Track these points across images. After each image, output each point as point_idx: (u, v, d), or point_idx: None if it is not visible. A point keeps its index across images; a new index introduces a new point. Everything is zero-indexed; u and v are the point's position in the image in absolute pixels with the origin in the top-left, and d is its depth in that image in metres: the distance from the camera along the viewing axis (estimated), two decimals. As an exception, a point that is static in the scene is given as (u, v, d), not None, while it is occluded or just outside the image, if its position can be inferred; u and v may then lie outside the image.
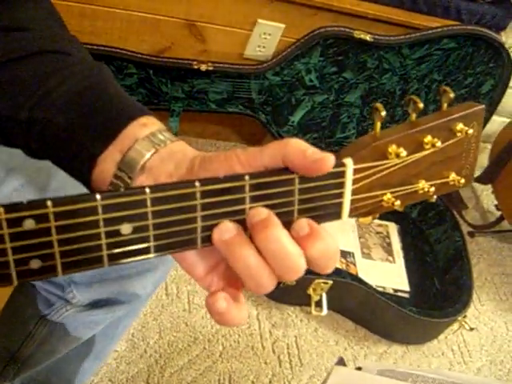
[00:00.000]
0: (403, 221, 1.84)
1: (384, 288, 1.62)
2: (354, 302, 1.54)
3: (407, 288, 1.65)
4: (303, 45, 1.50)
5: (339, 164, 0.43)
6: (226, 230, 0.42)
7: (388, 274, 1.67)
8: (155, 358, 1.36)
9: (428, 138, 0.46)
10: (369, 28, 1.53)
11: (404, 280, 1.67)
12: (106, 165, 0.47)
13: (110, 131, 0.47)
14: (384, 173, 0.45)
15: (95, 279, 0.82)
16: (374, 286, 1.51)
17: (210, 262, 0.46)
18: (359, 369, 0.77)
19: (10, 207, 0.35)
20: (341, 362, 0.78)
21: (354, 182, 0.44)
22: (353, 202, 0.45)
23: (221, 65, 1.52)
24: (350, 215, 0.45)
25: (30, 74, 0.51)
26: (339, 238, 1.71)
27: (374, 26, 1.56)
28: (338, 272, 1.48)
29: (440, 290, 1.65)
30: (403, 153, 0.44)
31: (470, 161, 0.50)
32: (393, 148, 0.44)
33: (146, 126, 0.48)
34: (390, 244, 1.76)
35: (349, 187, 0.44)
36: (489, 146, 1.89)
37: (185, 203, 0.40)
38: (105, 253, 0.39)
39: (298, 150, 0.41)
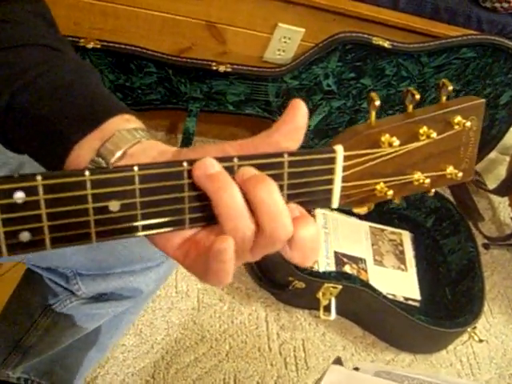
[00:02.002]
0: (417, 229, 1.83)
1: (394, 296, 1.61)
2: (363, 308, 1.53)
3: (418, 297, 1.64)
4: (322, 49, 1.50)
5: (329, 150, 0.43)
6: (211, 164, 0.40)
7: (399, 282, 1.66)
8: (162, 354, 1.37)
9: (423, 129, 0.46)
10: (388, 35, 1.53)
11: (415, 289, 1.66)
12: (82, 151, 0.46)
13: (92, 121, 0.47)
14: (376, 161, 0.45)
15: (100, 273, 0.83)
16: (385, 294, 1.50)
17: (186, 234, 0.44)
18: (357, 369, 0.77)
19: (0, 179, 0.36)
20: (338, 361, 0.78)
21: (345, 168, 0.44)
22: (344, 189, 0.45)
23: (239, 67, 1.53)
24: (341, 203, 0.45)
25: (17, 62, 0.52)
26: (352, 243, 1.71)
27: (394, 33, 1.56)
28: (348, 277, 1.48)
29: (451, 300, 1.64)
30: (396, 142, 0.44)
31: (469, 155, 0.50)
32: (386, 137, 0.45)
33: (130, 121, 0.48)
34: (402, 252, 1.75)
35: (339, 174, 0.44)
36: (507, 158, 1.88)
37: (172, 182, 0.40)
38: (93, 229, 0.40)
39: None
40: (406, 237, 1.80)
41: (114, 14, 1.48)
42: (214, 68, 1.52)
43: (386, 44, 1.48)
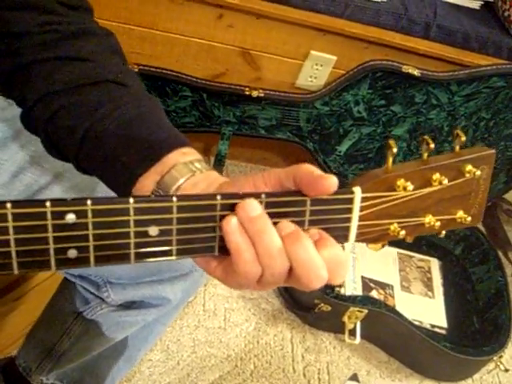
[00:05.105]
0: (446, 257, 1.83)
1: (421, 322, 1.62)
2: (388, 333, 1.54)
3: (445, 325, 1.64)
4: (352, 77, 1.53)
5: (348, 191, 0.47)
6: (254, 207, 0.44)
7: (426, 309, 1.67)
8: (187, 370, 1.40)
9: (436, 176, 0.49)
10: (420, 64, 1.55)
11: (442, 316, 1.67)
12: (146, 183, 0.53)
13: (153, 156, 0.53)
14: (391, 203, 0.48)
15: (130, 282, 0.88)
16: (411, 320, 1.51)
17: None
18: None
19: (55, 201, 0.41)
20: (354, 377, 0.79)
21: (362, 209, 0.47)
22: (360, 227, 0.48)
23: (271, 92, 1.57)
24: (357, 239, 0.49)
25: (90, 99, 0.59)
26: (379, 269, 1.72)
27: (425, 61, 1.58)
28: (373, 302, 1.49)
29: (478, 329, 1.63)
30: (410, 187, 0.47)
31: (479, 201, 0.53)
32: (401, 181, 0.48)
33: (186, 154, 0.54)
34: (430, 279, 1.75)
35: (356, 213, 0.47)
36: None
37: (206, 213, 0.45)
38: (132, 251, 0.44)
39: (307, 170, 0.45)
40: (435, 264, 1.80)
41: (152, 39, 1.54)
42: (247, 93, 1.56)
43: (416, 72, 1.51)
